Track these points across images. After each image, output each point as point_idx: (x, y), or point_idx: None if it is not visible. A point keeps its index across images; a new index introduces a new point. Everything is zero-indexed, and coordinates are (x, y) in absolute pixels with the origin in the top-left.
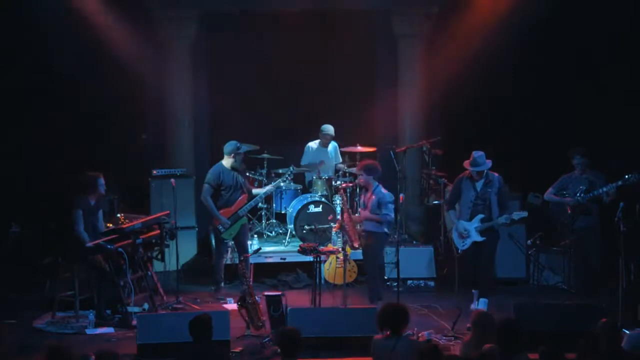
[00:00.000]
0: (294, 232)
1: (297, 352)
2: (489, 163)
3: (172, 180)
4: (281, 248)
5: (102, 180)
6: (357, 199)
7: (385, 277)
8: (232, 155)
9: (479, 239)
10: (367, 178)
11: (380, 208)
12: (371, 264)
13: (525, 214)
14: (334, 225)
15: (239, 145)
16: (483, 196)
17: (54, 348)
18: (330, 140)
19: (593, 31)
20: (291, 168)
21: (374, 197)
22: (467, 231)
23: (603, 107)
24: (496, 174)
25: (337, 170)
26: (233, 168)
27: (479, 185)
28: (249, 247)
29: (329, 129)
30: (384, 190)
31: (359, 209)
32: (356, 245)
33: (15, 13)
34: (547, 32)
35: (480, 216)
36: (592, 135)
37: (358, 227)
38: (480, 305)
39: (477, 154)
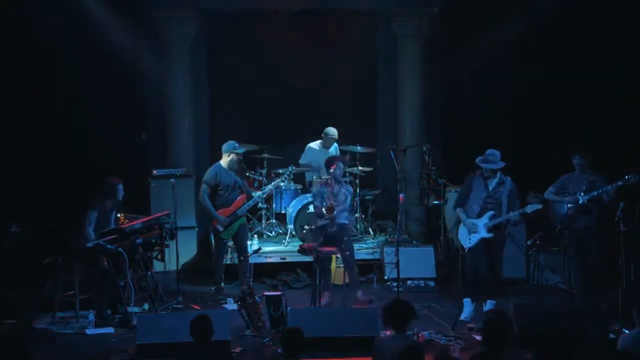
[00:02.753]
0: (294, 232)
1: (300, 352)
2: (502, 163)
3: (172, 180)
4: (281, 248)
5: (121, 187)
6: (357, 199)
7: (385, 277)
8: (229, 154)
9: (487, 235)
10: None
11: (348, 200)
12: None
13: (539, 206)
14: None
15: (236, 145)
16: (494, 195)
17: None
18: (333, 143)
19: (594, 30)
20: (290, 168)
21: (344, 190)
22: (476, 226)
23: (604, 106)
24: (508, 177)
25: None
26: (229, 168)
27: (491, 184)
28: (249, 247)
29: (334, 132)
30: None
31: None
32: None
33: (15, 13)
34: (547, 32)
35: (490, 213)
36: (593, 135)
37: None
38: (487, 307)
39: (490, 151)
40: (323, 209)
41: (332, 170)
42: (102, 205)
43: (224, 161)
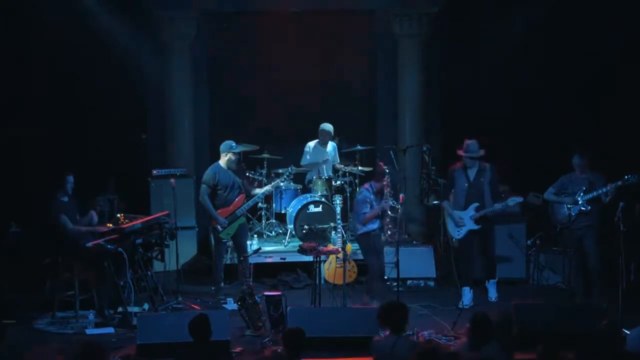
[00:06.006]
0: (294, 232)
1: (301, 352)
2: (481, 152)
3: (172, 180)
4: (281, 248)
5: (70, 178)
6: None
7: (385, 277)
8: (226, 154)
9: (475, 227)
10: None
11: None
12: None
13: (520, 199)
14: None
15: (233, 145)
16: (476, 185)
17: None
18: (329, 139)
19: (596, 29)
20: (290, 168)
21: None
22: (462, 219)
23: (604, 106)
24: (487, 164)
25: (336, 171)
26: (228, 167)
27: (471, 174)
28: (249, 247)
29: (327, 126)
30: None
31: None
32: None
33: (15, 12)
34: (548, 31)
35: (475, 205)
36: (593, 134)
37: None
38: (490, 286)
39: (471, 141)
40: (386, 208)
41: (384, 182)
42: (61, 203)
43: (223, 161)
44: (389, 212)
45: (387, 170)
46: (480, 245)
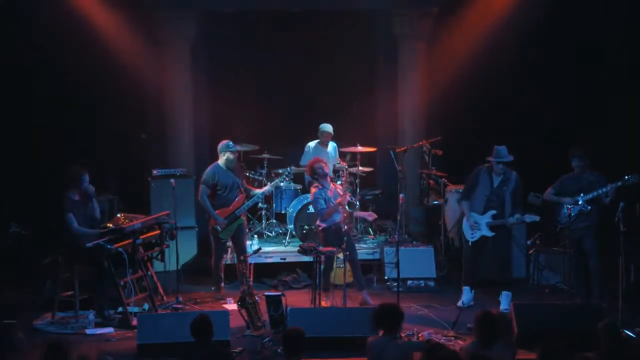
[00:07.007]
0: (294, 232)
1: (301, 352)
2: (511, 157)
3: (172, 180)
4: (281, 248)
5: (86, 177)
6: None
7: (385, 277)
8: (224, 154)
9: (489, 234)
10: None
11: None
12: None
13: (537, 218)
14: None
15: (230, 144)
16: (498, 192)
17: (54, 345)
18: (329, 139)
19: (594, 29)
20: (289, 168)
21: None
22: (478, 224)
23: (604, 106)
24: (514, 172)
25: (336, 171)
26: (227, 167)
27: (496, 181)
28: (249, 247)
29: (327, 127)
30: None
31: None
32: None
33: (15, 12)
34: (547, 31)
35: (493, 212)
36: (593, 134)
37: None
38: (503, 297)
39: (500, 147)
40: (344, 203)
41: (321, 172)
42: (70, 201)
43: (222, 161)
44: (346, 207)
45: (346, 167)
46: (492, 249)
